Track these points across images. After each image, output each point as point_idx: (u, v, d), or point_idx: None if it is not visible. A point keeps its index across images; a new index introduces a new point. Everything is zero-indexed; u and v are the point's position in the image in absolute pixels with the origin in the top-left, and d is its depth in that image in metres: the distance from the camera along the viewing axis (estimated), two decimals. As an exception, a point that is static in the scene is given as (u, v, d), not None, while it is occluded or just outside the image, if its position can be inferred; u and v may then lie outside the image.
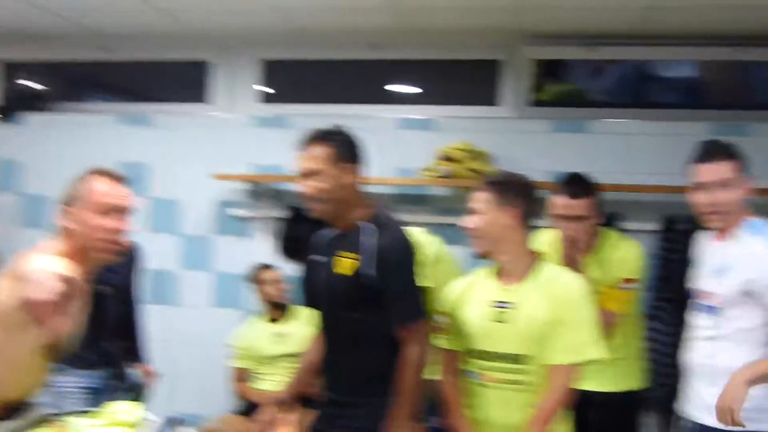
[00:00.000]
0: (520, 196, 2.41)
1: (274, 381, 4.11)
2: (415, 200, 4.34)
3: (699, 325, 2.46)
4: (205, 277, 4.59)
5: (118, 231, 2.05)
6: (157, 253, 4.60)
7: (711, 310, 2.41)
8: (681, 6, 3.66)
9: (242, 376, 4.25)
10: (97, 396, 3.09)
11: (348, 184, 2.42)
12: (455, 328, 2.51)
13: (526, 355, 2.36)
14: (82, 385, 3.26)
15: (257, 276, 4.20)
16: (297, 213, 4.34)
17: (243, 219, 4.51)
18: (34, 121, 4.80)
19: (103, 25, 4.43)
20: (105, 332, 3.48)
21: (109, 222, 2.03)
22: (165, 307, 4.59)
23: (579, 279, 2.50)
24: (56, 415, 1.87)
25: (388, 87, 4.65)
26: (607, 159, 4.14)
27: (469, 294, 2.52)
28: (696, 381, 2.46)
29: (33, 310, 1.47)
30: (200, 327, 4.58)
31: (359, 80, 4.67)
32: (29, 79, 5.03)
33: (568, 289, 2.41)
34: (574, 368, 2.37)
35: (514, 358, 2.37)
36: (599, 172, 4.13)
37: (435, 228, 4.28)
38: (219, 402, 4.32)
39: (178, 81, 4.90)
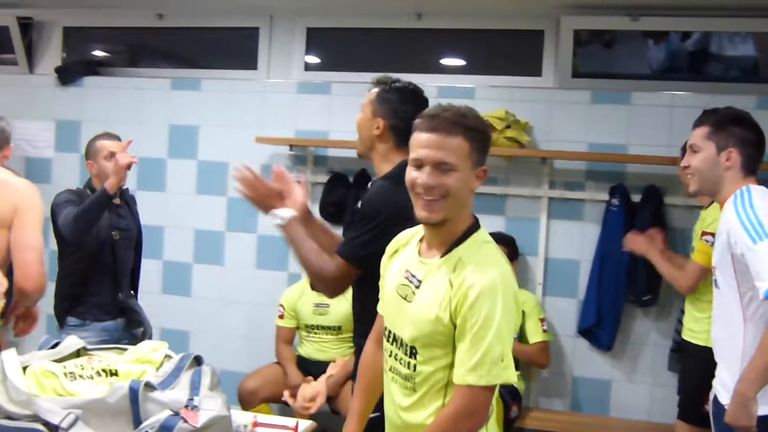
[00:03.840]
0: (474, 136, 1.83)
1: (312, 348, 4.25)
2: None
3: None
4: (249, 239, 4.73)
5: None
6: (203, 213, 4.77)
7: (714, 284, 2.33)
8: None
9: (286, 336, 4.33)
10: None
11: (371, 135, 2.49)
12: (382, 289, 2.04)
13: (418, 350, 1.84)
14: (101, 338, 3.32)
15: None
16: (336, 178, 4.44)
17: (286, 183, 4.61)
18: (91, 84, 4.99)
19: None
20: (120, 280, 3.54)
21: None
22: (210, 266, 4.78)
23: (493, 269, 1.77)
24: (90, 349, 2.01)
25: (430, 57, 4.68)
26: (649, 131, 4.12)
27: (401, 253, 2.00)
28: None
29: None
30: (244, 287, 4.72)
31: (402, 49, 4.71)
32: (87, 45, 5.22)
33: (470, 280, 1.75)
34: (473, 390, 1.74)
35: (408, 349, 1.86)
36: (640, 145, 4.15)
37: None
38: (263, 360, 4.41)
39: (227, 48, 5.02)
